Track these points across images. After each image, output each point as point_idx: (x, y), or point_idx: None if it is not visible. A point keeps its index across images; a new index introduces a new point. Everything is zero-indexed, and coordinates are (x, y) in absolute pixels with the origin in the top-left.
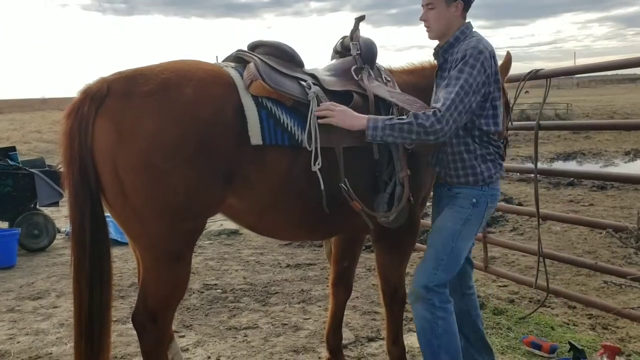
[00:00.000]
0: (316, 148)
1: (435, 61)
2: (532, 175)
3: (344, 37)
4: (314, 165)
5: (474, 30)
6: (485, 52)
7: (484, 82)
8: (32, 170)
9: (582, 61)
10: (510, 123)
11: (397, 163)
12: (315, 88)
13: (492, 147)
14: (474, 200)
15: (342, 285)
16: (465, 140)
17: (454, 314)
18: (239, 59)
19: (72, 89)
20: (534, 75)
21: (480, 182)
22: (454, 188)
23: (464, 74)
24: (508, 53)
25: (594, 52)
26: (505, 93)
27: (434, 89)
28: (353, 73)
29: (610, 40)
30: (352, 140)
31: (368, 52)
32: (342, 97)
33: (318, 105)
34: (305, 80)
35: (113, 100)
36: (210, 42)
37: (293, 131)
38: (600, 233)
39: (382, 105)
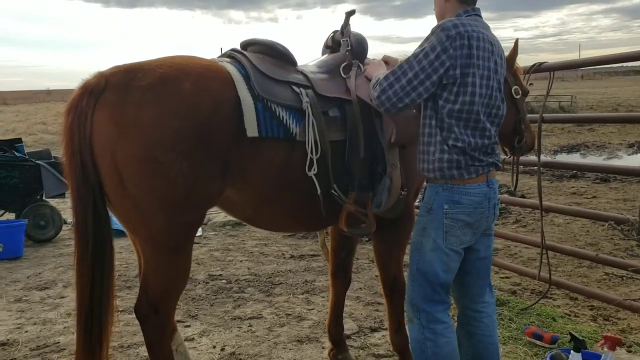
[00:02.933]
0: (311, 156)
1: None
2: (536, 167)
3: (334, 32)
4: (309, 171)
5: (471, 16)
6: (449, 29)
7: (440, 58)
8: (38, 161)
9: (587, 53)
10: (522, 115)
11: (386, 155)
12: (308, 97)
13: (455, 134)
14: (428, 206)
15: (341, 276)
16: (426, 121)
17: (446, 337)
18: (232, 58)
19: (75, 81)
20: (537, 68)
21: (436, 172)
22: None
23: (417, 49)
24: (515, 41)
25: (599, 44)
26: (515, 82)
27: None
28: (342, 72)
29: (616, 32)
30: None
31: (358, 48)
32: (333, 102)
33: (312, 114)
34: (298, 85)
35: (111, 94)
36: (214, 34)
37: (288, 124)
38: (603, 225)
39: (367, 107)
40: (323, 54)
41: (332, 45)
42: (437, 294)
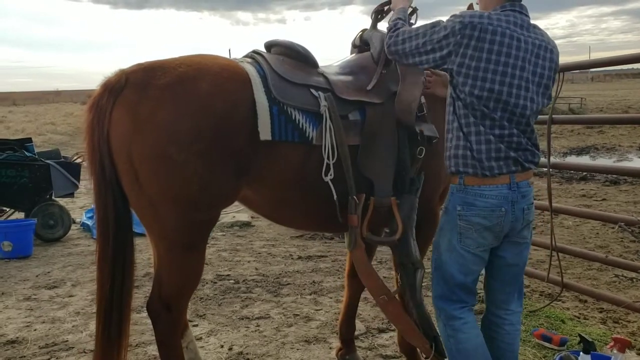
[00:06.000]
0: (328, 161)
1: None
2: (545, 169)
3: (362, 31)
4: (326, 176)
5: (507, 11)
6: (463, 17)
7: (448, 39)
8: (48, 161)
9: (597, 55)
10: None
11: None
12: (327, 100)
13: (460, 132)
14: (445, 206)
15: (357, 277)
16: (448, 127)
17: (465, 332)
18: (252, 59)
19: (84, 82)
20: None
21: (452, 168)
22: None
23: (437, 20)
24: None
25: (609, 46)
26: None
27: None
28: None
29: (626, 34)
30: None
31: None
32: (354, 105)
33: (330, 118)
34: (317, 89)
35: (130, 91)
36: (222, 36)
37: (304, 128)
38: (613, 227)
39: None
40: (351, 53)
41: (360, 44)
42: (455, 294)
